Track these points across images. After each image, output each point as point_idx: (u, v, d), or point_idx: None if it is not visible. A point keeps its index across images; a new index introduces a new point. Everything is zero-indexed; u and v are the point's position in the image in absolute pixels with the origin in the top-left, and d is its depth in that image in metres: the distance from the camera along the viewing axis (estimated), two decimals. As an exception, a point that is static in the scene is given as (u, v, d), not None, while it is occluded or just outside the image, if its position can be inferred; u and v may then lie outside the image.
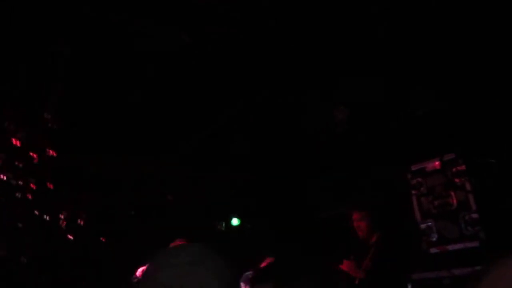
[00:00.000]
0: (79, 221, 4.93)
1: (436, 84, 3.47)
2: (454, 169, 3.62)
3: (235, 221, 6.27)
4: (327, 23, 3.02)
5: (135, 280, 3.54)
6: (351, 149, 4.39)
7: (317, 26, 3.05)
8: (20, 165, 4.20)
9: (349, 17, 2.96)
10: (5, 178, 3.99)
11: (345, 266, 3.18)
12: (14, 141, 4.07)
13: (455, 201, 3.58)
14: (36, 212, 4.47)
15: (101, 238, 5.12)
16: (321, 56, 3.29)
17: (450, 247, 3.53)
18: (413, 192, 3.86)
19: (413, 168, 3.89)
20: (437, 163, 3.74)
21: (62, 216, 4.73)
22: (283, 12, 3.14)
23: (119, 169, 5.40)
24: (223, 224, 6.26)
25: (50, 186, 4.52)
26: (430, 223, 3.69)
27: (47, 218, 4.52)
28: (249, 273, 3.68)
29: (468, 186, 3.52)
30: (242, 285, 3.73)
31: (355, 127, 4.10)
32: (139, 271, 3.55)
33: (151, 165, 5.31)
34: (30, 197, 4.32)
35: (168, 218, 5.75)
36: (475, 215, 3.43)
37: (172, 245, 3.48)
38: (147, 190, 5.66)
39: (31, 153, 4.20)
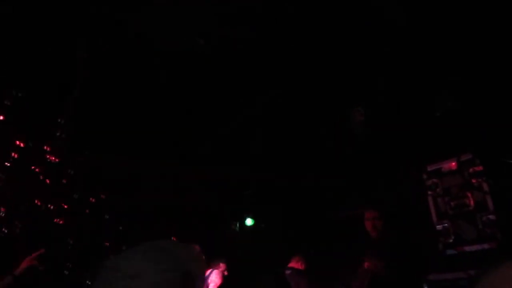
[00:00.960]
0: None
1: (453, 84, 3.45)
2: (471, 170, 3.59)
3: (249, 221, 6.29)
4: (346, 22, 3.03)
5: None
6: (367, 149, 4.38)
7: (335, 26, 3.06)
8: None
9: (366, 19, 2.96)
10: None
11: (368, 264, 3.17)
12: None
13: (472, 202, 3.54)
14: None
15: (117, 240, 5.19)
16: (339, 56, 3.30)
17: (467, 248, 3.50)
18: (429, 192, 3.83)
19: (429, 168, 3.86)
20: (453, 163, 3.71)
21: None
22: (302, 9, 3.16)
23: (137, 170, 5.48)
24: (237, 224, 6.29)
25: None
26: (446, 224, 3.66)
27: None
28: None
29: (485, 187, 3.48)
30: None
31: (372, 127, 4.09)
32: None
33: (166, 166, 5.37)
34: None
35: (181, 218, 5.80)
36: (492, 216, 3.40)
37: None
38: (162, 190, 5.73)
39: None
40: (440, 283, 3.47)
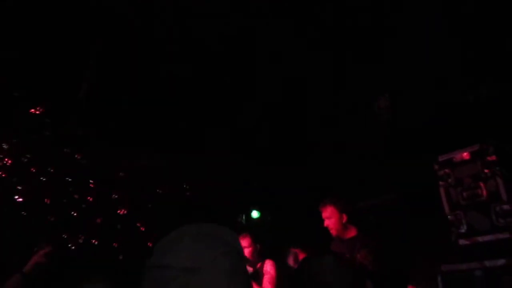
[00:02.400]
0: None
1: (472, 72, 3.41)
2: (484, 160, 3.56)
3: (255, 214, 6.28)
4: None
5: None
6: (379, 139, 4.35)
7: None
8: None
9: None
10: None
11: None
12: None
13: (485, 192, 3.52)
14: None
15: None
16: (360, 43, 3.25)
17: (481, 239, 3.48)
18: (441, 183, 3.80)
19: (440, 159, 3.83)
20: (465, 153, 3.68)
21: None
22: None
23: (141, 164, 5.45)
24: (243, 217, 6.27)
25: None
26: (458, 215, 3.64)
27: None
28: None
29: (499, 177, 3.45)
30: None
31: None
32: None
33: (170, 160, 5.34)
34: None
35: (187, 211, 5.78)
36: (506, 206, 3.37)
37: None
38: (167, 183, 5.70)
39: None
40: (454, 274, 3.46)
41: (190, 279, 0.68)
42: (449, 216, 3.71)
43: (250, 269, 3.55)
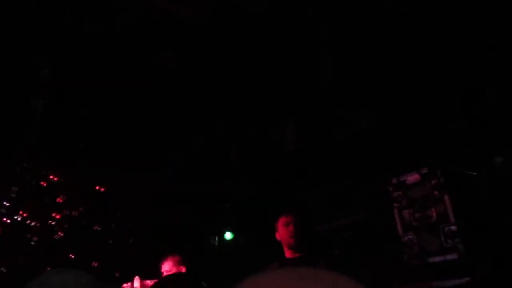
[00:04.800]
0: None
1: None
2: (433, 182, 3.66)
3: (228, 235, 6.30)
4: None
5: None
6: (334, 162, 4.45)
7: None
8: None
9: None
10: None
11: None
12: None
13: (434, 214, 3.60)
14: None
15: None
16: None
17: (430, 260, 3.55)
18: (395, 205, 3.89)
19: (394, 181, 3.93)
20: (416, 175, 3.78)
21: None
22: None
23: (112, 183, 5.51)
24: (216, 239, 6.29)
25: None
26: (411, 236, 3.72)
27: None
28: None
29: (447, 199, 3.55)
30: None
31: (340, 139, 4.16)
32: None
33: (142, 180, 5.39)
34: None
35: (159, 233, 5.80)
36: (454, 228, 3.46)
37: (164, 261, 3.51)
38: (140, 205, 5.74)
39: None
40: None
41: None
42: (402, 238, 3.78)
43: None
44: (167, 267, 3.44)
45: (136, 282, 3.07)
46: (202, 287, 2.37)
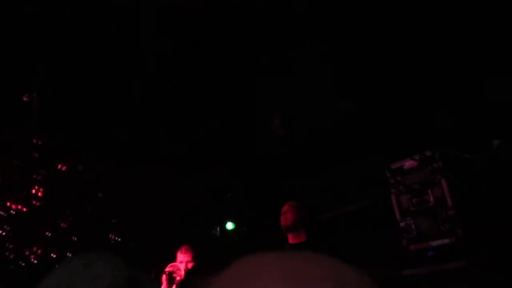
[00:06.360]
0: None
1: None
2: (430, 167, 3.65)
3: (230, 225, 6.33)
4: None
5: None
6: (335, 149, 4.45)
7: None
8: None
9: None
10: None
11: None
12: None
13: (432, 198, 3.60)
14: None
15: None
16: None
17: (429, 244, 3.55)
18: (393, 191, 3.89)
19: (392, 166, 3.93)
20: (414, 161, 3.77)
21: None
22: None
23: (114, 174, 5.54)
24: (218, 229, 6.33)
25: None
26: (409, 221, 3.72)
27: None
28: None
29: (444, 183, 3.54)
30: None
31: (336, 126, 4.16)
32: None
33: (142, 171, 5.42)
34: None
35: (162, 224, 5.84)
36: (451, 212, 3.45)
37: (181, 251, 3.54)
38: (141, 196, 5.77)
39: None
40: (405, 278, 3.54)
41: None
42: (400, 223, 3.79)
43: None
44: (189, 257, 3.47)
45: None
46: None
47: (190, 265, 3.47)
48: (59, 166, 4.64)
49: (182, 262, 3.48)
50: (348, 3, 3.12)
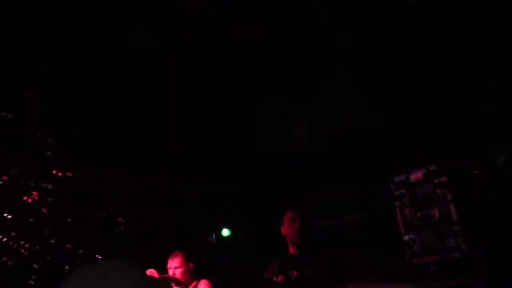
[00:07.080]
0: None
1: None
2: (436, 180, 3.62)
3: (225, 232, 6.26)
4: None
5: None
6: (339, 160, 4.41)
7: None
8: None
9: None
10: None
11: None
12: None
13: (437, 213, 3.57)
14: None
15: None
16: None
17: (433, 259, 3.52)
18: (397, 203, 3.85)
19: (396, 179, 3.89)
20: (419, 174, 3.74)
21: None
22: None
23: (110, 179, 5.43)
24: (214, 235, 6.25)
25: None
26: (412, 235, 3.68)
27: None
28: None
29: (449, 198, 3.51)
30: None
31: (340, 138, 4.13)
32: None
33: (139, 177, 5.33)
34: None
35: (158, 230, 5.75)
36: (456, 227, 3.43)
37: (172, 257, 3.45)
38: (136, 202, 5.67)
39: None
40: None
41: None
42: (404, 237, 3.75)
43: None
44: (176, 264, 3.41)
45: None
46: None
47: (178, 271, 3.40)
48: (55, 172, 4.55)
49: (170, 269, 3.41)
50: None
